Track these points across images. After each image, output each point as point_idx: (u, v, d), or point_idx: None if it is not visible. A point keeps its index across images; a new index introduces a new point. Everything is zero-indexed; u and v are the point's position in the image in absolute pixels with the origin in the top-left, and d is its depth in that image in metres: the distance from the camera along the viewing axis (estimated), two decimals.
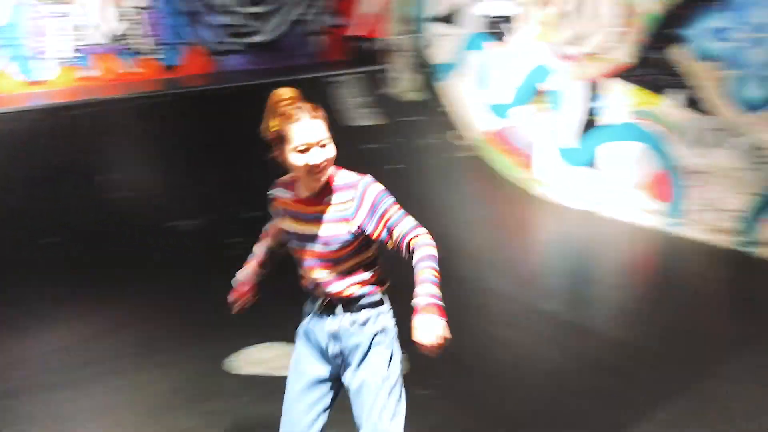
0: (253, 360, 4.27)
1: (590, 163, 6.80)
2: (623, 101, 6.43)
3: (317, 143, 2.37)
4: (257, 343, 4.41)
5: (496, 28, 7.48)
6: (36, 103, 6.37)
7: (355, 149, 7.24)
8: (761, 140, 5.54)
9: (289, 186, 2.57)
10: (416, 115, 7.92)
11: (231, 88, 7.19)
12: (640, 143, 6.37)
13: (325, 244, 2.46)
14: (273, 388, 3.95)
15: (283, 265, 2.92)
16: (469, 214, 6.92)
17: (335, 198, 2.44)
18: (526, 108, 7.31)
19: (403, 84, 8.10)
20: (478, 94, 7.82)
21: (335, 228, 2.44)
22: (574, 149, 6.92)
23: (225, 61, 8.08)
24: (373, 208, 2.43)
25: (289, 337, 4.34)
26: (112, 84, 7.30)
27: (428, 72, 8.21)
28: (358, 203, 2.42)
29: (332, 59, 8.78)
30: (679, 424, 3.66)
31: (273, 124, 2.39)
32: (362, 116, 7.62)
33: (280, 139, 2.38)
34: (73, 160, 6.01)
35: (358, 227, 2.43)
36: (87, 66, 7.20)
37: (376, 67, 8.11)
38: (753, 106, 5.55)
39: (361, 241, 2.49)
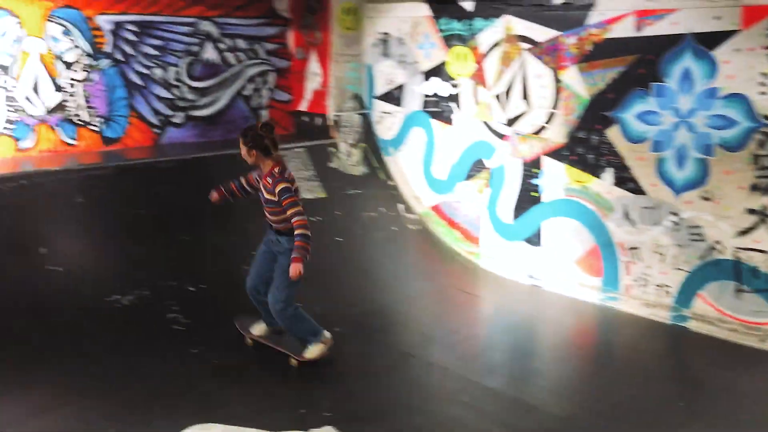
0: None
1: (530, 238, 6.97)
2: (558, 179, 6.68)
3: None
4: (198, 423, 4.28)
5: (438, 106, 7.73)
6: None
7: None
8: (691, 218, 5.81)
9: (258, 170, 5.18)
10: (362, 188, 8.02)
11: (171, 161, 7.17)
12: (576, 220, 6.60)
13: (267, 201, 5.08)
14: None
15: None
16: (414, 287, 6.96)
17: (270, 180, 5.03)
18: (469, 183, 7.51)
19: (351, 158, 8.23)
20: (422, 169, 8.00)
21: (270, 194, 5.02)
22: (513, 225, 7.11)
23: (166, 134, 8.08)
24: (279, 193, 4.96)
25: (228, 420, 4.28)
26: (50, 156, 7.18)
27: (374, 147, 8.38)
28: (274, 186, 4.98)
29: (279, 133, 8.84)
30: None
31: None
32: (308, 189, 7.66)
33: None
34: (8, 233, 5.83)
35: (276, 198, 4.99)
36: (23, 137, 7.07)
37: (322, 142, 8.23)
38: (681, 187, 5.85)
39: (279, 204, 4.99)
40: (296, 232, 4.91)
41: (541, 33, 6.64)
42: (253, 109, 8.74)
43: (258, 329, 5.53)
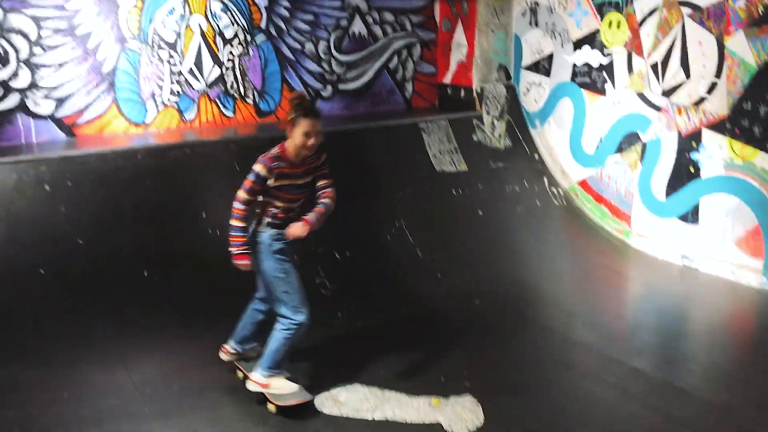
0: (338, 400, 4.31)
1: (684, 216, 6.59)
2: (718, 154, 6.24)
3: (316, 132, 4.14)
4: (342, 384, 4.45)
5: (589, 76, 7.44)
6: (140, 143, 6.74)
7: (445, 194, 7.31)
8: None
9: (277, 159, 4.15)
10: (506, 162, 7.92)
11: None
12: (737, 197, 6.15)
13: (302, 187, 4.26)
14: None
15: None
16: (560, 264, 6.80)
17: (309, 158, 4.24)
18: (620, 158, 7.20)
19: (493, 131, 8.13)
20: (570, 142, 7.76)
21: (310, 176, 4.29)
22: (666, 201, 6.74)
23: (317, 106, 8.35)
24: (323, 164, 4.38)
25: (370, 383, 4.41)
26: (211, 127, 7.66)
27: (519, 119, 8.22)
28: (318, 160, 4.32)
29: (423, 105, 8.92)
30: None
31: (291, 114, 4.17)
32: (452, 162, 7.67)
33: (293, 123, 4.15)
34: (173, 197, 6.29)
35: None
36: (186, 109, 7.58)
37: (466, 114, 8.18)
38: None
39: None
40: (324, 200, 4.30)
41: None
42: (397, 82, 8.82)
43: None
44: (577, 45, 7.51)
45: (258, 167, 4.10)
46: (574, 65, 7.58)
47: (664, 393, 4.45)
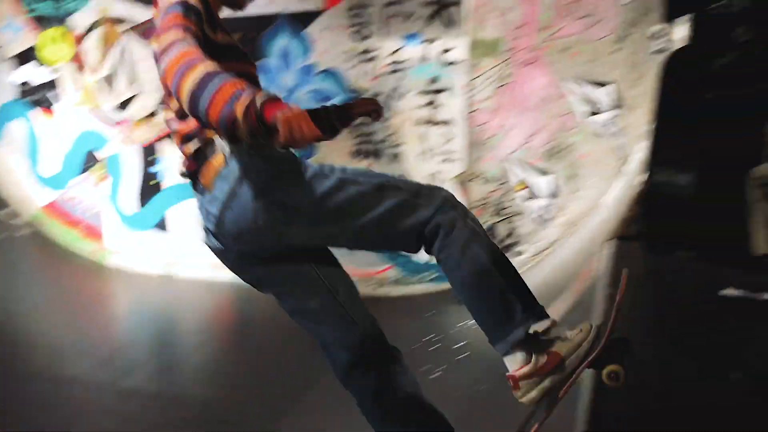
0: None
1: (158, 226, 6.76)
2: (175, 164, 6.56)
3: None
4: None
5: (38, 95, 6.98)
6: None
7: None
8: None
9: None
10: None
11: None
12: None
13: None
14: None
15: None
16: (36, 297, 6.28)
17: None
18: (83, 177, 6.96)
19: None
20: (28, 166, 7.18)
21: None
22: (138, 214, 6.81)
23: None
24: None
25: None
26: None
27: None
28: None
29: None
30: None
31: None
32: None
33: None
34: None
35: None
36: None
37: None
38: None
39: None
40: None
41: (143, 13, 6.37)
42: None
43: None
44: (20, 62, 6.97)
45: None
46: (19, 84, 7.02)
47: (160, 404, 4.49)
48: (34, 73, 6.94)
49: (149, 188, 6.71)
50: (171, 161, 6.57)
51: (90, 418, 4.35)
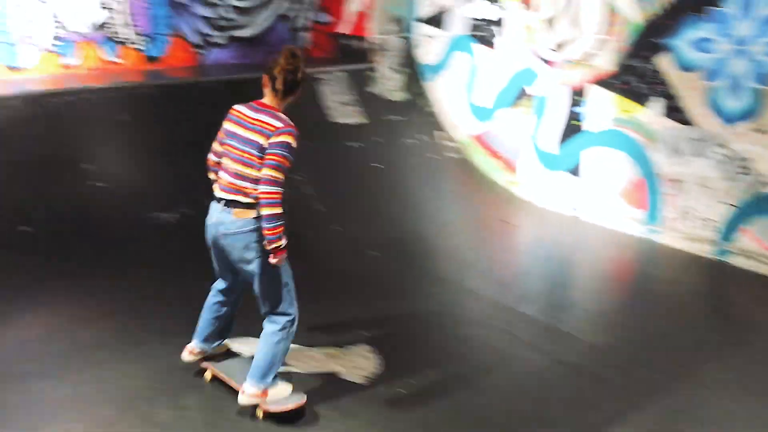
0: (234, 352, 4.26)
1: (572, 169, 6.86)
2: (605, 108, 6.50)
3: None
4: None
5: (483, 31, 7.51)
6: (17, 90, 6.28)
7: (339, 146, 7.27)
8: (741, 151, 5.63)
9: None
10: (401, 115, 7.94)
11: (212, 81, 7.17)
12: (620, 151, 6.45)
13: (246, 143, 3.53)
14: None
15: None
16: (451, 214, 6.95)
17: (273, 120, 3.50)
18: (511, 111, 7.36)
19: (389, 83, 8.12)
20: (464, 95, 7.85)
21: (260, 136, 3.48)
22: (556, 154, 6.98)
23: (208, 54, 8.04)
24: (276, 146, 3.43)
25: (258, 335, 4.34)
26: (93, 73, 7.22)
27: (415, 72, 8.23)
28: (277, 133, 3.45)
29: (318, 56, 8.76)
30: (652, 430, 3.72)
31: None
32: (347, 114, 7.62)
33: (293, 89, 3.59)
34: (54, 148, 5.93)
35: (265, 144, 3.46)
36: (68, 54, 7.11)
37: (362, 66, 8.11)
38: (733, 118, 5.64)
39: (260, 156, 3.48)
40: (265, 213, 3.39)
41: None
42: (293, 30, 8.61)
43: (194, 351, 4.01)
44: None
45: (291, 139, 3.41)
46: (470, 19, 7.63)
47: (549, 336, 4.67)
48: (483, 10, 7.45)
49: (569, 128, 6.81)
50: (596, 105, 6.54)
51: (484, 331, 4.73)
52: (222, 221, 3.53)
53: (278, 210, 3.39)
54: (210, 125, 6.59)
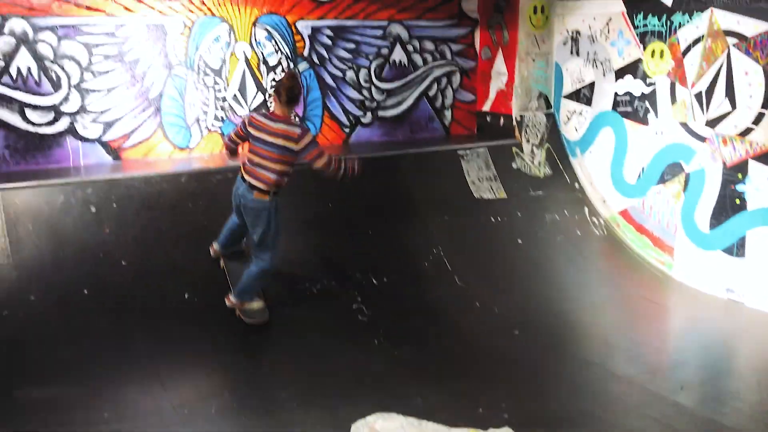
0: (375, 428, 4.27)
1: (731, 249, 6.45)
2: (767, 186, 6.11)
3: None
4: (378, 412, 4.41)
5: (631, 105, 7.38)
6: (184, 167, 6.85)
7: (484, 222, 7.28)
8: None
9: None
10: (545, 190, 7.87)
11: (363, 159, 7.45)
12: None
13: (276, 147, 5.36)
14: None
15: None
16: (600, 294, 6.70)
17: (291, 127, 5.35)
18: (663, 188, 7.09)
19: (533, 159, 8.10)
20: (611, 171, 7.68)
21: (288, 141, 5.32)
22: (712, 233, 6.61)
23: (356, 133, 8.42)
24: (308, 145, 5.43)
25: (408, 412, 4.36)
26: None
27: (559, 148, 8.18)
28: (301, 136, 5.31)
29: (461, 133, 8.93)
30: None
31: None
32: (491, 189, 7.65)
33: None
34: (219, 221, 6.37)
35: (296, 148, 5.33)
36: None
37: (505, 142, 8.17)
38: None
39: (292, 155, 5.43)
40: (321, 165, 5.34)
41: (752, 26, 6.12)
42: (436, 110, 8.86)
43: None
44: (619, 74, 7.47)
45: (310, 134, 5.34)
46: (616, 94, 7.53)
47: (707, 430, 4.33)
48: (632, 85, 7.33)
49: (728, 207, 6.44)
50: (760, 182, 6.17)
51: (637, 422, 4.45)
52: (245, 196, 5.32)
53: (329, 161, 5.32)
54: (359, 199, 6.87)
